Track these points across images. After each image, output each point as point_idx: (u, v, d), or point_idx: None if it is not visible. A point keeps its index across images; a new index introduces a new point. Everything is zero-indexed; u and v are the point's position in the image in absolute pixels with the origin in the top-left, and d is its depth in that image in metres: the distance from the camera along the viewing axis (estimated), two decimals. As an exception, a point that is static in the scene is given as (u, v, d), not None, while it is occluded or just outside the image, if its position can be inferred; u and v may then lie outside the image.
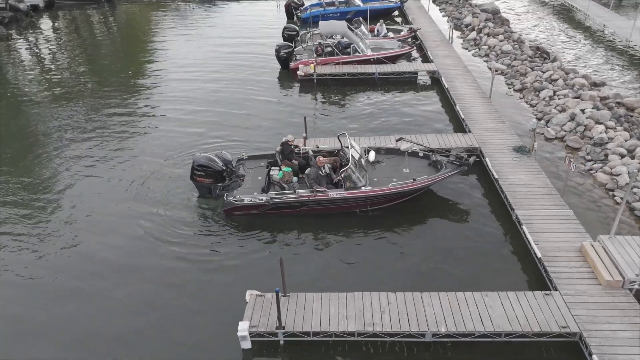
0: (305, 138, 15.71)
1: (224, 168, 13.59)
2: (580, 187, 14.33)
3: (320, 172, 13.05)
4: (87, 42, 32.06)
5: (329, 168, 13.52)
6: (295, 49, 24.72)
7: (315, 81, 22.52)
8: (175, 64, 26.63)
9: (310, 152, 14.40)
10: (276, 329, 9.35)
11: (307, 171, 13.12)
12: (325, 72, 22.38)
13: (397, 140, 13.76)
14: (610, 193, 13.90)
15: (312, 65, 22.19)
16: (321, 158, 13.18)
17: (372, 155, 13.99)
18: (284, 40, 26.28)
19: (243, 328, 9.34)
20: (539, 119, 18.29)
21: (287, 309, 9.80)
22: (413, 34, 27.28)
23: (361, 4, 32.53)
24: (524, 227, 11.80)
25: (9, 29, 34.89)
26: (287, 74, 23.75)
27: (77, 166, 16.43)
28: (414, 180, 12.91)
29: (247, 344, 9.46)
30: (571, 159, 12.43)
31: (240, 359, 9.47)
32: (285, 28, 26.56)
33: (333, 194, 12.75)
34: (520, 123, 18.09)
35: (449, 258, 11.81)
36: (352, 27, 24.70)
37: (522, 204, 12.61)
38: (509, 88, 21.25)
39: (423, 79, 22.94)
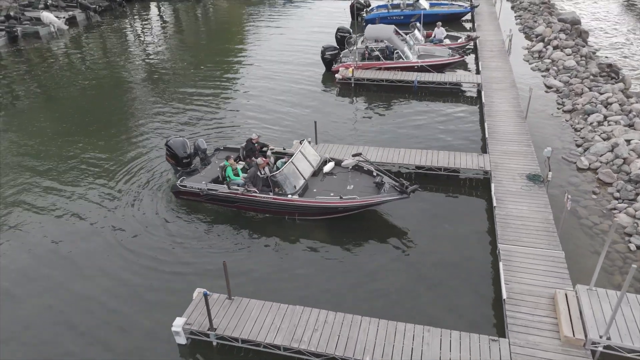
0: (310, 142, 15.64)
1: (186, 154, 14.29)
2: (594, 228, 12.87)
3: (258, 173, 13.11)
4: (174, 32, 34.79)
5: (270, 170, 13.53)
6: (342, 52, 24.69)
7: (352, 85, 22.31)
8: (244, 53, 28.91)
9: (269, 152, 14.49)
10: (207, 330, 9.61)
11: (248, 170, 13.37)
12: (364, 76, 22.09)
13: (352, 155, 13.61)
14: (627, 239, 12.34)
15: (350, 69, 22.00)
16: (261, 160, 13.28)
17: (328, 167, 13.73)
18: (337, 42, 26.35)
19: (177, 324, 9.71)
20: (578, 146, 16.62)
21: (226, 312, 10.01)
22: (471, 42, 25.91)
23: (427, 8, 31.52)
24: (500, 264, 10.91)
25: (102, 17, 38.52)
26: (331, 76, 23.79)
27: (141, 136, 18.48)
28: (340, 198, 12.53)
29: (181, 340, 9.82)
30: (569, 196, 11.20)
31: (175, 353, 9.86)
32: (338, 29, 26.52)
33: (261, 196, 12.89)
34: (552, 148, 16.54)
35: (413, 284, 11.28)
36: (400, 31, 24.08)
37: (510, 238, 11.63)
38: (558, 108, 19.49)
39: (470, 91, 21.76)
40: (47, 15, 32.86)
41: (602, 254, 9.23)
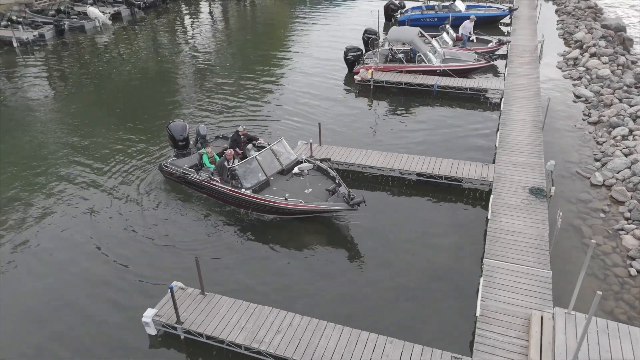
0: (312, 144, 15.62)
1: (182, 137, 15.08)
2: (596, 249, 12.11)
3: (225, 164, 13.46)
4: (215, 29, 36.00)
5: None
6: (366, 53, 24.48)
7: (371, 87, 22.08)
8: (280, 50, 29.85)
9: (249, 146, 14.78)
10: (175, 323, 9.82)
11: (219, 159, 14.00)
12: (383, 79, 21.81)
13: (320, 160, 13.78)
14: (628, 262, 11.56)
15: (369, 71, 21.77)
16: (229, 151, 13.73)
17: (298, 167, 13.78)
18: (364, 43, 26.15)
19: (148, 315, 9.98)
20: (597, 160, 15.71)
21: (197, 306, 10.19)
22: (502, 46, 24.99)
23: (463, 10, 30.67)
24: (481, 279, 10.50)
25: (146, 13, 40.00)
26: (352, 77, 23.62)
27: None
28: (285, 199, 12.54)
29: (151, 330, 10.09)
30: (561, 213, 10.61)
31: (145, 342, 10.15)
32: (365, 31, 26.23)
33: (218, 185, 13.52)
34: (568, 161, 15.77)
35: (392, 294, 11.05)
36: (426, 34, 23.59)
37: (497, 253, 11.16)
38: (583, 119, 18.48)
39: (493, 97, 20.98)
40: (92, 11, 34.51)
41: (581, 276, 8.73)
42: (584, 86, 20.96)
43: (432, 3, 32.51)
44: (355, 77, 22.38)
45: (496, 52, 24.82)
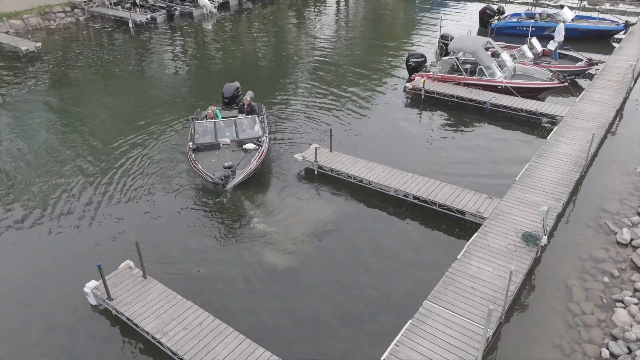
0: (317, 148, 15.43)
1: (226, 96, 18.63)
2: (578, 317, 10.33)
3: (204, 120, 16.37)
4: (313, 22, 37.02)
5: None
6: (431, 61, 23.20)
7: (422, 97, 20.91)
8: (378, 45, 29.91)
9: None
10: (106, 299, 10.60)
11: None
12: (434, 89, 20.51)
13: (254, 143, 15.36)
14: (606, 341, 9.65)
15: (421, 80, 20.62)
16: (209, 110, 16.68)
17: (247, 145, 15.23)
18: (439, 49, 24.81)
19: (89, 286, 10.92)
20: (639, 214, 13.20)
21: (132, 288, 10.84)
22: (592, 67, 21.89)
23: (569, 20, 27.34)
24: (409, 322, 9.62)
25: (254, 3, 42.20)
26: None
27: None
28: (194, 160, 14.76)
29: (92, 301, 11.01)
30: (513, 267, 9.20)
31: (85, 310, 11.09)
32: (441, 36, 24.80)
33: (188, 137, 16.27)
34: (602, 210, 13.53)
35: (329, 317, 10.62)
36: (497, 46, 21.58)
37: (443, 298, 10.10)
38: (649, 162, 15.58)
39: (553, 123, 18.52)
40: (202, -1, 37.45)
41: (482, 344, 7.60)
42: (675, 123, 17.57)
43: (535, 10, 29.48)
44: (407, 84, 21.39)
45: (586, 73, 21.82)
